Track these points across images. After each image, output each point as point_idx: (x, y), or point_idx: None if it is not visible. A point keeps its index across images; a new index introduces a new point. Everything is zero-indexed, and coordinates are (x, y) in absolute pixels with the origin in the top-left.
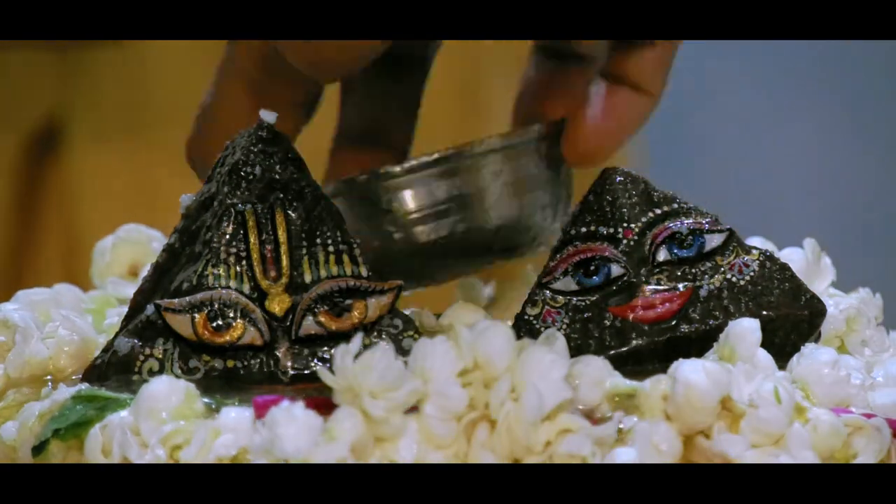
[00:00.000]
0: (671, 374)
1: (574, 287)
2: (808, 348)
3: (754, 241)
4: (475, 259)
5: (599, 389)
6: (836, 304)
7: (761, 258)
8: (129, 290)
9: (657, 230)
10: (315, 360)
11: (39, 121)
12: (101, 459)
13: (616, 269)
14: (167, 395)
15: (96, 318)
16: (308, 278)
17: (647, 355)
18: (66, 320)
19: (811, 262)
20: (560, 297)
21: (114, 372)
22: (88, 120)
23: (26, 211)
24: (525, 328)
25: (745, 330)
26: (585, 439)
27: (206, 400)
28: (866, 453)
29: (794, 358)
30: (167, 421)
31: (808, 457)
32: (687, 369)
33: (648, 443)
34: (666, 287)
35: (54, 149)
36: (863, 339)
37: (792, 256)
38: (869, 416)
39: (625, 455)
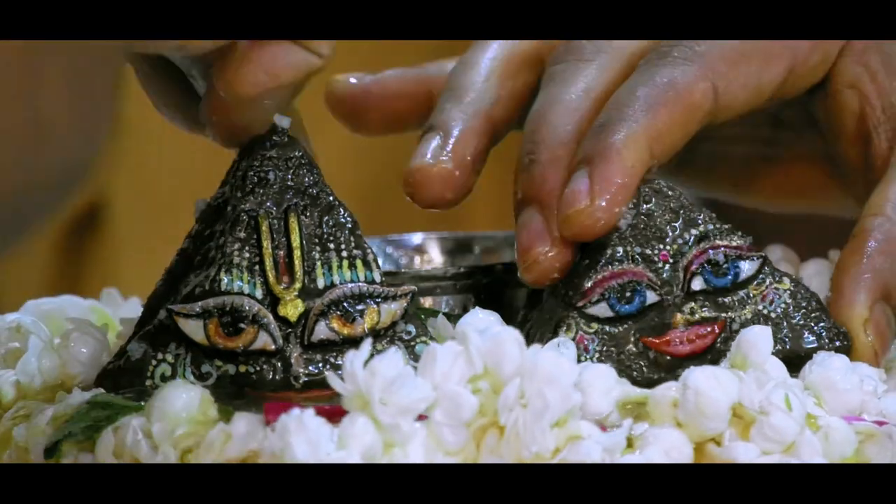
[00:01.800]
0: (681, 381)
1: (609, 314)
2: (821, 356)
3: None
4: None
5: (609, 399)
6: None
7: (792, 287)
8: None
9: (693, 255)
10: (327, 366)
11: (85, 197)
12: (111, 461)
13: (651, 297)
14: (182, 399)
15: (109, 327)
16: (321, 283)
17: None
18: (79, 325)
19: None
20: (594, 324)
21: (126, 377)
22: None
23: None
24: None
25: (757, 337)
26: (595, 446)
27: (220, 406)
28: (878, 461)
29: (807, 365)
30: (180, 424)
31: None
32: (697, 375)
33: (659, 449)
34: (699, 319)
35: (98, 225)
36: None
37: (818, 268)
38: (881, 423)
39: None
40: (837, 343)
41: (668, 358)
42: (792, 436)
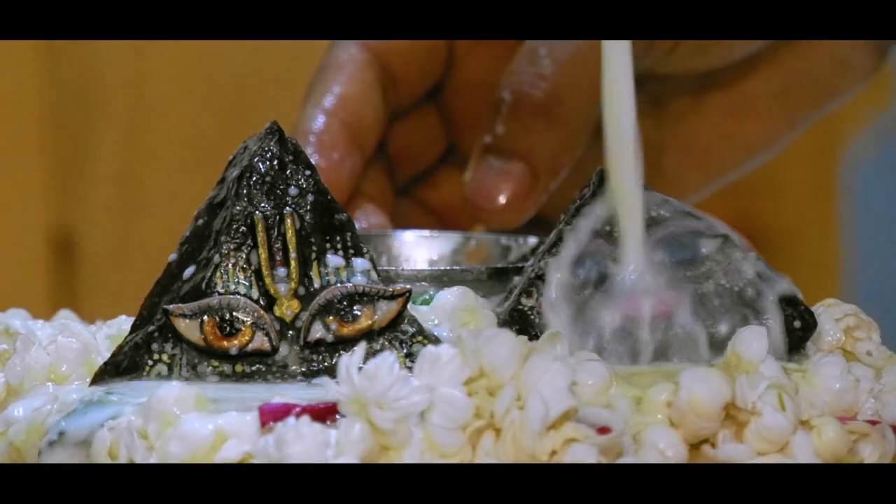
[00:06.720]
0: (675, 381)
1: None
2: (816, 356)
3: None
4: None
5: (603, 399)
6: (832, 314)
7: (756, 266)
8: None
9: (653, 231)
10: (323, 366)
11: None
12: (106, 461)
13: (612, 267)
14: (177, 399)
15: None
16: (317, 283)
17: (639, 354)
18: (66, 328)
19: None
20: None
21: (122, 377)
22: None
23: None
24: (520, 319)
25: (752, 337)
26: (591, 449)
27: (215, 406)
28: (872, 460)
29: (804, 365)
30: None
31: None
32: (690, 376)
33: (653, 449)
34: (661, 287)
35: None
36: (868, 350)
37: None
38: (874, 422)
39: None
40: (802, 322)
41: (633, 324)
42: (785, 435)
